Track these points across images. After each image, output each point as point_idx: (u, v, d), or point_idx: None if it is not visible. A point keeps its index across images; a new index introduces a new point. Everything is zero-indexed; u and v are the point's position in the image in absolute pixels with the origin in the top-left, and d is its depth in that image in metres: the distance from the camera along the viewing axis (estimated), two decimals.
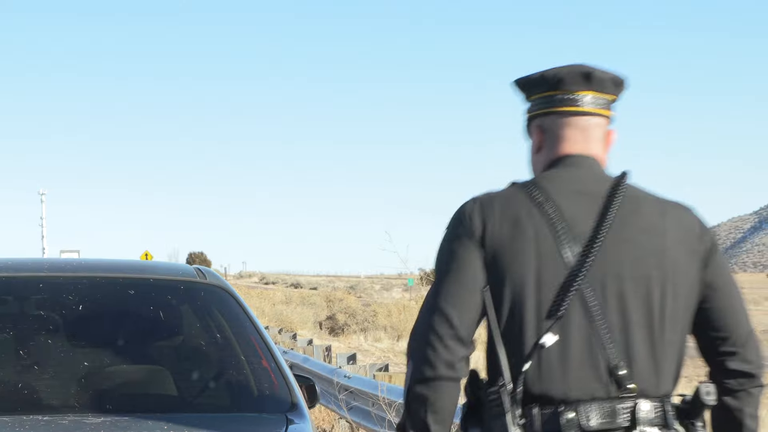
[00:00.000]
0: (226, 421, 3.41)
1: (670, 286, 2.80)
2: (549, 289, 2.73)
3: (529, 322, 2.72)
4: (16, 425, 3.26)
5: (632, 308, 2.77)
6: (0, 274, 4.04)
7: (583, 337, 2.74)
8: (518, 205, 2.78)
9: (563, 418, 2.71)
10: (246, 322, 4.00)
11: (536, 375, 2.72)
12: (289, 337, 22.76)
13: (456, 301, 2.73)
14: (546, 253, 2.74)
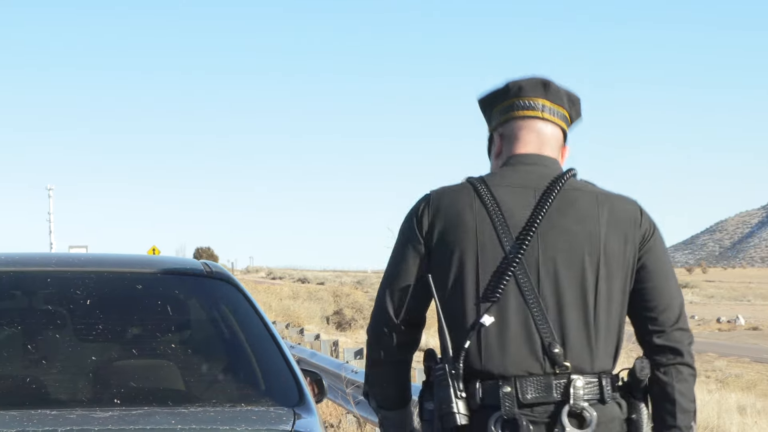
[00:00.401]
0: (234, 415, 3.41)
1: (603, 269, 3.02)
2: (487, 275, 2.98)
3: (469, 304, 2.97)
4: (24, 419, 3.27)
5: (566, 291, 3.00)
6: (8, 269, 4.05)
7: (520, 318, 2.98)
8: (464, 199, 3.04)
9: (501, 391, 2.93)
10: (253, 316, 4.00)
11: (476, 352, 2.96)
12: (297, 332, 22.77)
13: (395, 294, 3.05)
14: (485, 242, 3.00)
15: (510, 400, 2.94)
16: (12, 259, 4.15)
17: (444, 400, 2.93)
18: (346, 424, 11.51)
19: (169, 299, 4.02)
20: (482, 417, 2.94)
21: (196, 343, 3.93)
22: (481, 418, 2.94)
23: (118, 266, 4.16)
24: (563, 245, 3.01)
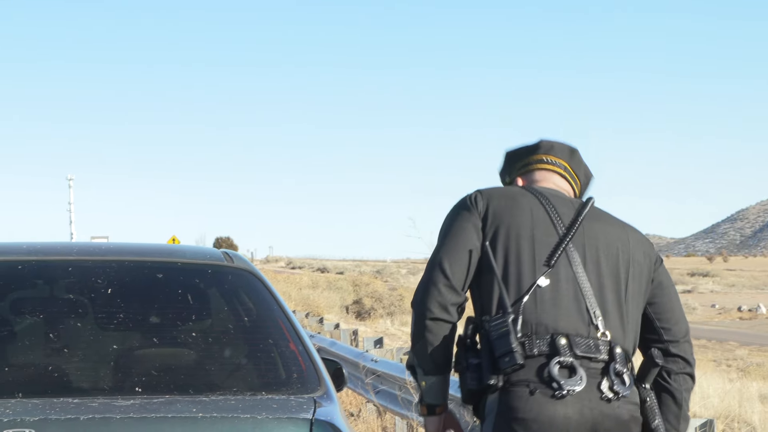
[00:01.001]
0: (255, 404, 3.42)
1: (631, 270, 3.49)
2: (542, 246, 3.41)
3: (527, 268, 3.38)
4: (46, 407, 3.28)
5: (605, 275, 3.45)
6: (30, 258, 4.07)
7: (570, 286, 3.39)
8: (515, 191, 3.52)
9: (558, 342, 3.31)
10: (273, 305, 4.01)
11: (533, 307, 3.35)
12: (316, 321, 22.80)
13: (451, 257, 3.39)
14: (539, 220, 3.44)
15: (566, 350, 3.31)
16: (34, 248, 4.17)
17: (503, 343, 3.27)
18: (366, 413, 11.53)
19: (190, 288, 4.03)
20: (536, 363, 3.31)
21: (216, 332, 3.94)
22: (535, 364, 3.31)
23: (139, 255, 4.17)
24: (603, 239, 3.48)
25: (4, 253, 4.10)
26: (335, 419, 3.38)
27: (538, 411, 3.27)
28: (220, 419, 3.26)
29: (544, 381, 3.27)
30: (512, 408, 3.29)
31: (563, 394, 3.26)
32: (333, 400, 3.60)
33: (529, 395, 3.28)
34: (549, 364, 3.27)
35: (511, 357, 3.26)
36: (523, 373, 3.29)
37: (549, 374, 3.27)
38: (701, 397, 12.12)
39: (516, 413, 3.28)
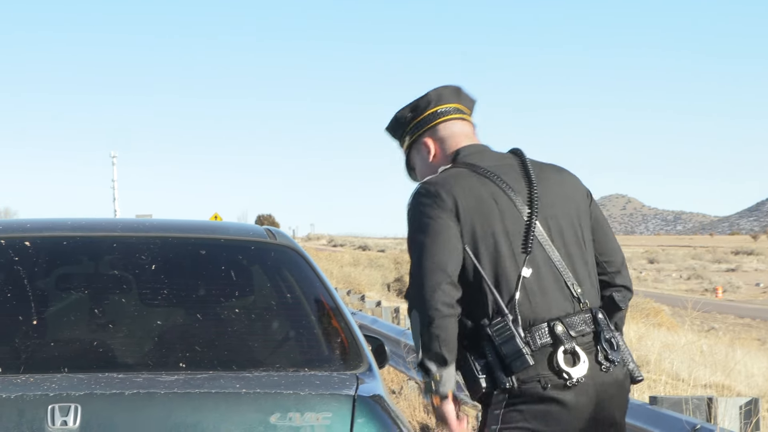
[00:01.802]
0: (297, 380, 3.43)
1: (582, 220, 3.65)
2: (515, 236, 3.52)
3: (509, 263, 3.50)
4: (92, 382, 3.31)
5: (569, 241, 3.60)
6: (75, 234, 4.10)
7: (547, 268, 3.54)
8: (471, 180, 3.56)
9: (556, 330, 3.47)
10: (316, 282, 4.01)
11: (525, 302, 3.49)
12: (358, 299, 22.83)
13: (445, 255, 3.46)
14: (505, 210, 3.54)
15: (566, 336, 3.47)
16: (79, 225, 4.19)
17: (511, 347, 3.42)
18: (407, 391, 11.55)
19: (233, 265, 4.04)
20: (542, 355, 3.46)
21: (259, 309, 3.95)
22: (542, 356, 3.46)
23: (182, 232, 4.18)
24: (557, 205, 3.61)
25: (49, 229, 4.13)
26: (378, 395, 3.38)
27: (550, 403, 3.46)
28: (263, 395, 3.27)
29: (554, 372, 3.45)
30: (525, 402, 3.46)
31: (574, 383, 3.45)
32: (375, 377, 3.60)
33: (542, 390, 3.45)
34: (556, 354, 3.45)
35: (522, 359, 3.42)
36: (532, 369, 3.45)
37: (557, 365, 3.44)
38: (746, 376, 12.05)
39: (528, 407, 3.46)
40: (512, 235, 3.52)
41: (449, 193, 3.52)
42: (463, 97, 3.79)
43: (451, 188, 3.53)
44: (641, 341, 15.23)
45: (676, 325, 25.14)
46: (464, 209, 3.51)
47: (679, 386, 11.70)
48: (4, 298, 3.77)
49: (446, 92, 3.76)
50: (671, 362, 13.74)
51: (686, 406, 5.66)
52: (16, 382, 3.30)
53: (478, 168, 3.61)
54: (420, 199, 3.55)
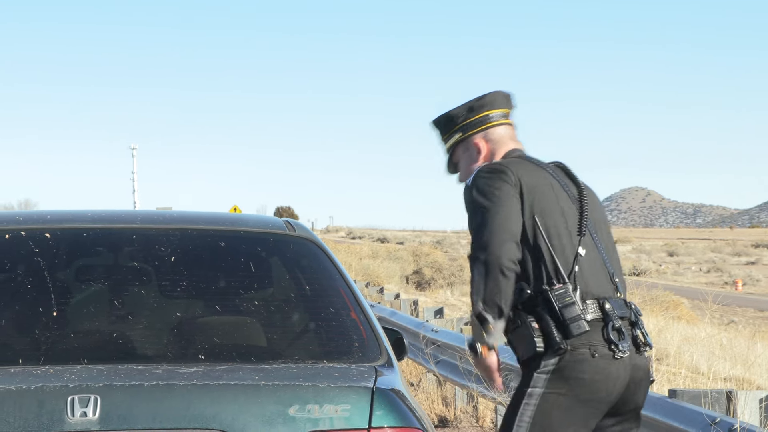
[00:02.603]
0: (316, 372, 3.43)
1: (608, 224, 4.04)
2: (571, 217, 3.86)
3: (566, 240, 3.81)
4: (111, 374, 3.32)
5: (606, 237, 3.97)
6: (95, 226, 4.11)
7: (595, 253, 3.87)
8: (530, 165, 3.92)
9: (606, 307, 3.77)
10: (335, 274, 4.01)
11: (581, 276, 3.80)
12: (377, 291, 22.84)
13: (510, 219, 3.75)
14: (560, 195, 3.88)
15: (612, 314, 3.77)
16: (99, 216, 4.20)
17: (571, 312, 3.72)
18: (426, 383, 11.55)
19: (252, 257, 4.05)
20: (595, 327, 3.75)
21: (278, 301, 3.95)
22: (595, 328, 3.75)
23: (201, 224, 4.19)
24: (595, 207, 3.96)
25: (69, 221, 4.14)
26: (396, 388, 3.38)
27: (595, 371, 3.73)
28: (282, 387, 3.28)
29: (606, 342, 3.74)
30: (573, 368, 3.73)
31: (621, 356, 3.74)
32: (394, 369, 3.60)
33: (591, 357, 3.73)
34: (607, 328, 3.74)
35: (579, 323, 3.70)
36: (585, 337, 3.73)
37: (608, 337, 3.74)
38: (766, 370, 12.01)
39: (575, 373, 3.73)
40: (568, 218, 3.85)
41: (513, 172, 3.82)
42: (510, 102, 4.10)
43: (514, 168, 3.84)
44: (661, 334, 15.20)
45: (695, 318, 25.07)
46: (527, 186, 3.81)
47: (698, 379, 11.67)
48: (25, 289, 3.78)
49: (500, 97, 4.07)
50: (691, 355, 13.70)
51: (706, 400, 5.64)
52: (37, 374, 3.32)
53: (533, 159, 3.98)
54: (484, 175, 3.83)
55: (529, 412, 3.76)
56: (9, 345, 3.61)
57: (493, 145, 4.03)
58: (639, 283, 16.93)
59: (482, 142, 4.04)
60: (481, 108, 4.03)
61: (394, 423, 3.24)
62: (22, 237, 3.95)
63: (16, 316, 3.71)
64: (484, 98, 4.04)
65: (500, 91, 4.10)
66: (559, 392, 3.74)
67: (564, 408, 3.74)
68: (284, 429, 3.19)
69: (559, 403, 3.74)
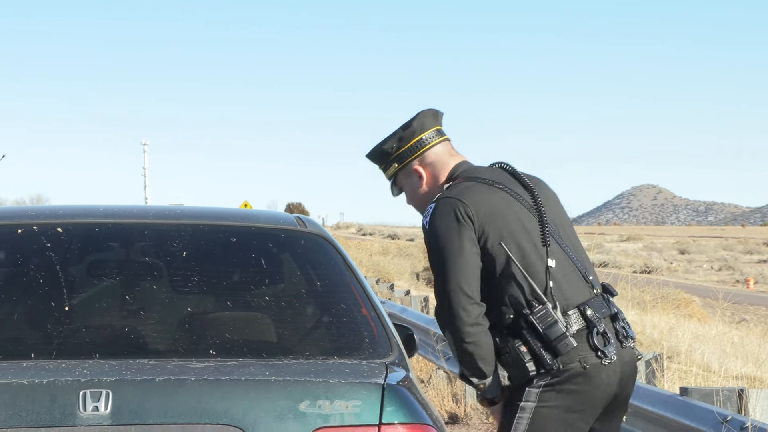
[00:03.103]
0: (327, 368, 3.44)
1: (568, 219, 4.05)
2: (533, 232, 3.86)
3: (534, 257, 3.83)
4: (123, 368, 3.33)
5: (570, 235, 3.98)
6: (107, 221, 4.12)
7: (564, 258, 3.89)
8: (482, 189, 3.89)
9: (587, 314, 3.80)
10: (345, 270, 4.01)
11: (557, 290, 3.81)
12: (387, 288, 22.83)
13: (465, 276, 3.76)
14: (518, 211, 3.88)
15: (596, 319, 3.80)
16: (111, 212, 4.21)
17: (556, 331, 3.73)
18: (436, 380, 11.55)
19: (263, 253, 4.05)
20: (580, 337, 3.78)
21: (289, 297, 3.95)
22: (581, 338, 3.78)
23: (213, 219, 4.20)
24: (551, 206, 3.96)
25: (81, 215, 4.15)
26: (407, 384, 3.38)
27: (587, 382, 3.78)
28: (292, 382, 3.28)
29: (593, 350, 3.78)
30: (564, 382, 3.78)
31: (608, 362, 3.79)
32: (405, 366, 3.60)
33: (582, 369, 3.77)
34: (591, 335, 3.79)
35: (566, 341, 3.74)
36: (574, 352, 3.77)
37: (594, 345, 3.78)
38: None
39: (567, 386, 3.78)
40: (531, 232, 3.86)
41: (466, 206, 3.82)
42: (440, 119, 4.11)
43: (466, 200, 3.84)
44: (672, 332, 15.18)
45: (707, 316, 25.02)
46: (485, 214, 3.82)
47: (709, 377, 11.64)
48: (37, 284, 3.79)
49: (427, 118, 4.06)
50: (702, 353, 13.68)
51: (717, 398, 5.63)
52: (48, 368, 3.33)
53: (481, 179, 3.94)
54: (437, 218, 3.85)
55: (522, 425, 3.81)
56: (21, 339, 3.62)
57: (433, 168, 4.04)
58: (650, 280, 16.91)
59: (420, 168, 4.05)
60: (412, 135, 4.03)
61: (404, 419, 3.24)
62: (34, 231, 3.96)
63: (28, 310, 3.72)
64: (411, 125, 4.04)
65: (426, 110, 4.09)
66: (552, 405, 3.79)
67: (557, 419, 3.80)
68: (295, 424, 3.20)
69: (552, 415, 3.80)
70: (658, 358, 6.72)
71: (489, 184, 3.92)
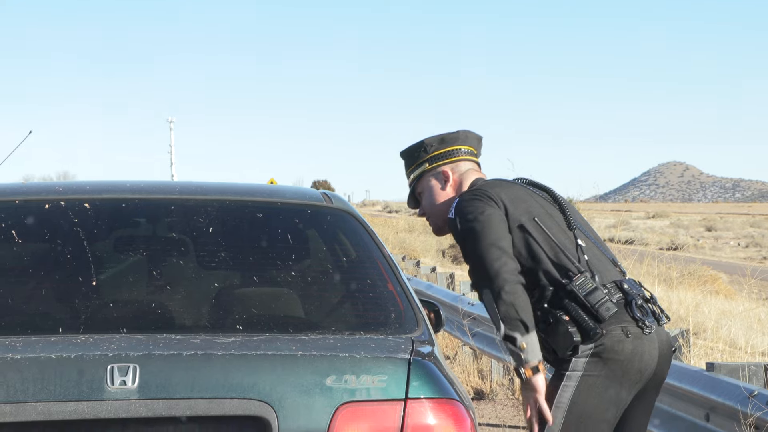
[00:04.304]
0: (353, 343, 3.44)
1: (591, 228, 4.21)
2: (555, 216, 4.02)
3: (563, 236, 3.96)
4: (150, 343, 3.34)
5: (593, 233, 4.12)
6: (134, 197, 4.13)
7: (592, 245, 4.02)
8: (504, 183, 4.10)
9: (624, 287, 3.89)
10: (372, 245, 4.01)
11: (592, 264, 3.93)
12: (413, 265, 22.84)
13: (498, 234, 3.88)
14: (541, 201, 4.05)
15: (632, 293, 3.89)
16: (137, 187, 4.22)
17: (597, 296, 3.82)
18: (462, 356, 11.56)
19: (290, 228, 4.06)
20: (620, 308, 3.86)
21: (315, 272, 3.96)
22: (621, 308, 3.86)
23: (239, 195, 4.20)
24: (576, 211, 4.13)
25: (108, 191, 4.16)
26: (433, 359, 3.38)
27: (631, 351, 3.83)
28: (318, 357, 3.29)
29: (634, 320, 3.85)
30: (609, 350, 3.82)
31: (650, 332, 3.86)
32: (431, 341, 3.60)
33: (625, 337, 3.83)
34: (631, 306, 3.86)
35: (607, 305, 3.81)
36: (615, 318, 3.83)
37: (635, 315, 3.85)
38: None
39: (612, 354, 3.82)
40: (555, 219, 4.00)
41: (491, 192, 3.97)
42: (480, 146, 4.31)
43: (490, 188, 4.00)
44: (698, 308, 15.12)
45: (733, 293, 24.90)
46: (509, 198, 3.96)
47: (736, 353, 11.61)
48: (64, 259, 3.81)
49: (471, 136, 4.26)
50: (728, 329, 13.62)
51: (743, 373, 5.62)
52: (76, 342, 3.35)
53: (503, 179, 4.14)
54: (465, 202, 3.96)
55: (567, 393, 3.83)
56: (49, 314, 3.64)
57: (460, 176, 4.19)
58: (677, 257, 16.85)
59: (450, 171, 4.19)
60: (454, 141, 4.20)
61: (431, 394, 3.25)
62: (61, 207, 3.98)
63: (56, 285, 3.74)
64: (457, 133, 4.23)
65: (473, 132, 4.29)
66: (598, 374, 3.82)
67: (602, 389, 3.83)
68: (321, 399, 3.21)
69: (597, 384, 3.83)
70: (684, 333, 6.70)
71: (508, 181, 4.12)
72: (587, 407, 3.83)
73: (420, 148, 4.22)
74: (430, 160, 4.21)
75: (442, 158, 4.21)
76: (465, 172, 4.21)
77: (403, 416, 3.22)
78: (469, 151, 4.24)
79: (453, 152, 4.21)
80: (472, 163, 4.25)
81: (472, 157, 4.26)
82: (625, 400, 3.88)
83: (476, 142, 4.29)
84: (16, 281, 3.78)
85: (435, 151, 4.20)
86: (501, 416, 9.35)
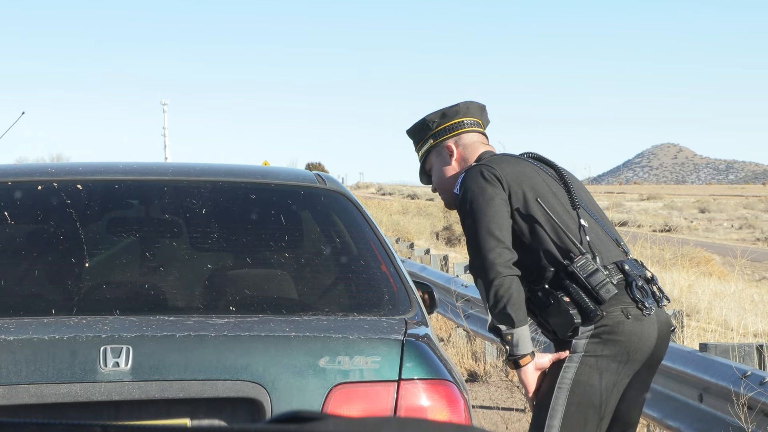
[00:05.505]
0: (346, 324, 3.44)
1: (597, 205, 4.18)
2: (560, 195, 3.99)
3: (566, 216, 3.94)
4: (143, 324, 3.34)
5: (598, 212, 4.10)
6: (126, 178, 4.12)
7: (595, 224, 4.01)
8: (510, 159, 4.06)
9: (625, 269, 3.89)
10: (365, 227, 4.01)
11: (593, 245, 3.91)
12: (407, 247, 22.84)
13: (497, 224, 3.83)
14: (544, 176, 4.02)
15: (632, 273, 3.89)
16: (130, 169, 4.21)
17: (597, 278, 3.81)
18: (456, 338, 11.57)
19: (283, 210, 4.05)
20: (621, 289, 3.86)
21: (309, 254, 3.96)
22: (621, 289, 3.86)
23: (232, 176, 4.19)
24: (582, 188, 4.12)
25: (101, 172, 4.15)
26: (426, 340, 3.38)
27: (631, 332, 3.83)
28: (312, 338, 3.29)
29: (634, 302, 3.85)
30: (609, 331, 3.83)
31: (650, 314, 3.86)
32: (424, 322, 3.60)
33: (626, 319, 3.83)
34: (631, 288, 3.85)
35: (607, 287, 3.81)
36: (615, 299, 3.83)
37: (635, 297, 3.85)
38: None
39: (612, 335, 3.83)
40: (559, 197, 3.98)
41: (493, 169, 3.92)
42: (484, 115, 4.27)
43: (494, 165, 3.95)
44: (691, 289, 15.15)
45: (726, 274, 24.95)
46: (514, 177, 3.93)
47: (728, 334, 11.64)
48: (57, 240, 3.80)
49: (473, 107, 4.22)
50: (721, 310, 13.66)
51: (736, 353, 5.63)
52: (69, 324, 3.34)
53: (509, 153, 4.11)
54: (467, 181, 3.92)
55: (570, 373, 3.85)
56: (42, 295, 3.64)
57: (464, 149, 4.16)
58: (670, 239, 16.86)
59: (453, 146, 4.17)
60: (455, 114, 4.18)
61: (424, 375, 3.25)
62: (54, 188, 3.97)
63: (48, 266, 3.74)
64: (457, 105, 4.19)
65: (474, 101, 4.25)
66: (599, 355, 3.84)
67: (603, 369, 3.85)
68: (314, 380, 3.21)
69: (599, 365, 3.85)
70: (677, 315, 6.72)
71: (516, 157, 4.07)
72: (589, 388, 3.85)
73: (423, 125, 4.22)
74: (434, 135, 4.20)
75: (446, 132, 4.19)
76: (470, 144, 4.18)
77: (397, 397, 3.22)
78: (473, 122, 4.22)
79: (456, 125, 4.19)
80: (478, 134, 4.22)
81: (478, 128, 4.23)
82: (624, 381, 3.91)
83: (479, 112, 4.26)
84: (9, 263, 3.77)
85: (438, 127, 4.19)
86: (494, 398, 9.37)
